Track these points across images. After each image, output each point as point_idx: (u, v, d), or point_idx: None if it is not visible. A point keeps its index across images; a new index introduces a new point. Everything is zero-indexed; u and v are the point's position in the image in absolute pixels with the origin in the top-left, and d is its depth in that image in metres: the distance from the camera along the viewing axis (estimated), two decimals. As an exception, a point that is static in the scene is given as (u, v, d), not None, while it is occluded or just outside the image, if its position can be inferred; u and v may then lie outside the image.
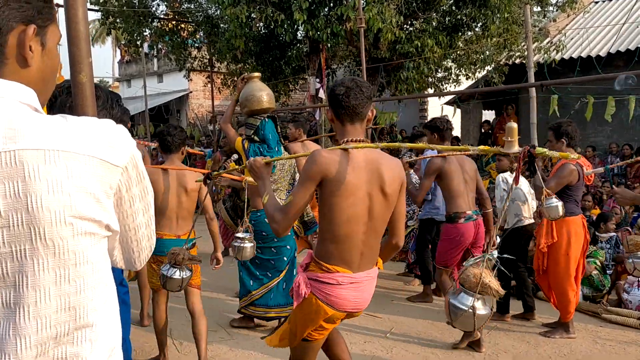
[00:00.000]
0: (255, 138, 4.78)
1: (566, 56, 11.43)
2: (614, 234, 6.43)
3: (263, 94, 4.73)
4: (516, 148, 2.37)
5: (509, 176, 5.28)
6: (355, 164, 2.42)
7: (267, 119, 4.82)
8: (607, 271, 6.07)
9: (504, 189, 5.21)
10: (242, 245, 4.09)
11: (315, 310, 2.50)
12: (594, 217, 6.84)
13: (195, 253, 4.03)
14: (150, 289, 4.19)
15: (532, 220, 5.31)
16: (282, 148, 4.98)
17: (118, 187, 1.07)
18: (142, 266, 1.25)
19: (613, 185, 4.55)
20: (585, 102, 7.77)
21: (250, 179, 3.45)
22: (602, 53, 11.08)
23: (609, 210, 7.33)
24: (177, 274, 3.53)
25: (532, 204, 5.30)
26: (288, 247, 4.85)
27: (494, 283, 2.78)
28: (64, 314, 1.00)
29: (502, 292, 2.76)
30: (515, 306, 5.37)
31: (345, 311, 2.53)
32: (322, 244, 2.51)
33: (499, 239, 5.38)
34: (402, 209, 2.60)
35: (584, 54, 11.27)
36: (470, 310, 2.72)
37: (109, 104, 2.18)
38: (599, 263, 5.98)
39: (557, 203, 4.20)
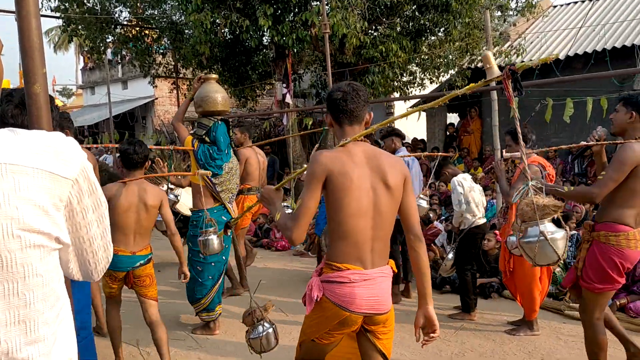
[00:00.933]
0: (206, 139, 4.83)
1: (526, 59, 11.69)
2: (575, 232, 6.60)
3: (218, 96, 4.81)
4: (497, 71, 2.44)
5: (463, 179, 5.38)
6: (357, 160, 2.47)
7: (220, 122, 4.87)
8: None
9: (461, 192, 5.31)
10: (208, 237, 4.12)
11: (328, 313, 2.44)
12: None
13: (152, 269, 4.02)
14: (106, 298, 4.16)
15: (485, 220, 5.44)
16: (231, 152, 5.06)
17: (69, 200, 1.06)
18: (100, 277, 1.24)
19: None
20: (545, 104, 7.97)
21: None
22: (561, 56, 11.38)
23: (570, 209, 7.53)
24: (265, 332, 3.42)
25: (483, 200, 5.43)
26: (226, 246, 4.93)
27: (550, 201, 2.87)
28: (13, 328, 0.98)
29: (561, 204, 2.87)
30: (485, 305, 5.47)
31: (362, 312, 2.43)
32: (333, 244, 2.50)
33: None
34: (411, 202, 2.58)
35: (543, 57, 11.55)
36: (542, 237, 2.79)
37: None
38: (562, 261, 6.13)
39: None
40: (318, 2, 9.86)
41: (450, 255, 5.42)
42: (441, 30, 11.56)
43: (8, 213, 0.96)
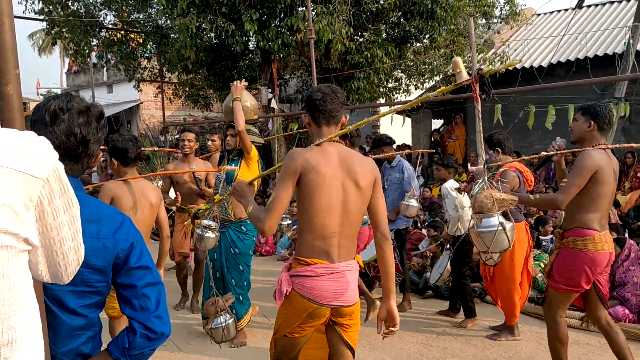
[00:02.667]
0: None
1: (510, 67, 11.82)
2: (553, 236, 6.68)
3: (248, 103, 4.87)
4: (465, 76, 2.69)
5: (454, 184, 5.40)
6: (330, 159, 2.58)
7: None
8: (551, 274, 6.27)
9: (455, 197, 5.32)
10: (204, 234, 4.07)
11: (297, 306, 2.54)
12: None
13: None
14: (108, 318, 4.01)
15: None
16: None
17: (39, 200, 1.05)
18: (70, 279, 1.22)
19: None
20: (527, 111, 8.05)
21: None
22: (544, 63, 11.51)
23: (551, 214, 7.60)
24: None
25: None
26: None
27: (507, 195, 3.17)
28: None
29: (516, 198, 3.20)
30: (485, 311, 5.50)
31: (329, 305, 2.53)
32: (301, 239, 2.60)
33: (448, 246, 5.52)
34: (380, 202, 2.68)
35: (526, 65, 11.68)
36: (501, 227, 3.10)
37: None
38: (543, 266, 6.18)
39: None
40: (304, 8, 9.89)
41: (448, 265, 5.39)
42: (426, 37, 11.66)
43: None
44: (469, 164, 5.56)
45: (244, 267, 4.79)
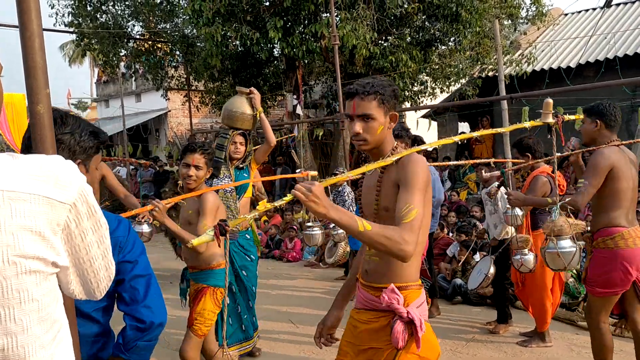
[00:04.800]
0: None
1: (537, 68, 11.65)
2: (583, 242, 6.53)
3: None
4: (551, 119, 3.30)
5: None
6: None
7: None
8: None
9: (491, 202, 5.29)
10: (311, 232, 4.25)
11: (433, 339, 2.18)
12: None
13: None
14: None
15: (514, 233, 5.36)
16: None
17: (66, 224, 1.08)
18: (102, 295, 1.26)
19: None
20: (556, 113, 7.91)
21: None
22: (572, 64, 11.32)
23: (584, 218, 7.45)
24: None
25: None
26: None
27: (579, 221, 3.75)
28: (11, 353, 1.00)
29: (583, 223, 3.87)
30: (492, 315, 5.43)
31: None
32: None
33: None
34: None
35: (554, 66, 11.50)
36: (578, 247, 3.59)
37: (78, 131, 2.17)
38: (574, 271, 6.07)
39: (519, 212, 4.49)
40: (327, 14, 9.92)
41: (492, 270, 5.25)
42: (451, 39, 11.57)
43: (4, 240, 0.98)
44: (482, 170, 5.52)
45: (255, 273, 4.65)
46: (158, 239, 8.40)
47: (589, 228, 3.91)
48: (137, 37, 14.86)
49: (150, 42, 14.76)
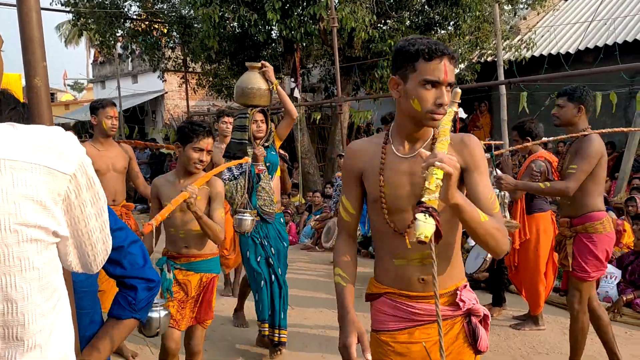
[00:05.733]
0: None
1: (536, 53, 11.62)
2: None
3: None
4: (455, 108, 2.81)
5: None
6: None
7: None
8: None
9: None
10: (242, 217, 3.95)
11: None
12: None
13: None
14: None
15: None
16: None
17: (66, 194, 1.09)
18: (99, 269, 1.26)
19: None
20: (554, 99, 7.92)
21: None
22: (572, 50, 11.29)
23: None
24: None
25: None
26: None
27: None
28: (11, 319, 1.02)
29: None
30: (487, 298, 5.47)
31: None
32: None
33: None
34: None
35: (553, 51, 11.47)
36: None
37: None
38: (568, 256, 6.11)
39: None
40: (326, -4, 9.84)
41: (489, 255, 5.31)
42: (451, 24, 11.50)
43: (6, 208, 0.98)
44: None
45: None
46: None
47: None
48: (134, 17, 14.74)
49: (147, 23, 14.64)
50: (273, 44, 12.89)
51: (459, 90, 1.86)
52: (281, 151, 4.59)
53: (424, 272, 1.86)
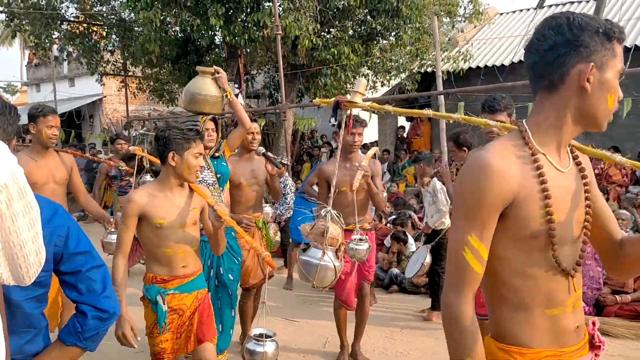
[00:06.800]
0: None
1: (473, 65, 12.03)
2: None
3: None
4: (358, 98, 3.03)
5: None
6: None
7: None
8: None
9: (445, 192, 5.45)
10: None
11: None
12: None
13: None
14: None
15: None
16: None
17: None
18: (32, 281, 1.23)
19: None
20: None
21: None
22: (506, 62, 11.76)
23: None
24: None
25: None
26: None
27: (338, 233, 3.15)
28: None
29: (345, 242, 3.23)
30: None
31: None
32: None
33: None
34: None
35: (489, 63, 11.91)
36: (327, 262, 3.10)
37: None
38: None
39: None
40: (270, 4, 9.86)
41: (428, 259, 5.43)
42: (392, 34, 11.76)
43: None
44: (422, 164, 5.69)
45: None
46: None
47: None
48: (72, 19, 14.27)
49: (85, 25, 14.20)
50: (216, 50, 12.79)
51: (364, 80, 1.95)
52: (269, 154, 4.28)
53: (577, 318, 1.51)
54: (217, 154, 4.05)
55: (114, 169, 6.80)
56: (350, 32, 11.55)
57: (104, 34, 14.22)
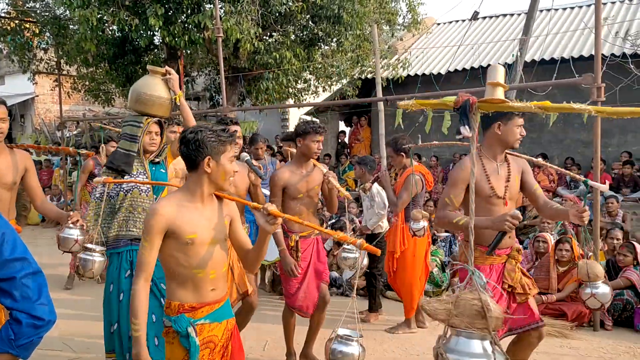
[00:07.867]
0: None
1: (411, 73, 12.35)
2: (448, 234, 7.17)
3: None
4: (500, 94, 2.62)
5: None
6: None
7: None
8: (445, 269, 6.68)
9: (384, 196, 5.56)
10: (90, 257, 3.39)
11: None
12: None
13: None
14: None
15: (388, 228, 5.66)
16: None
17: None
18: None
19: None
20: (426, 116, 8.46)
21: None
22: (443, 71, 12.15)
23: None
24: None
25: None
26: None
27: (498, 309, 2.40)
28: None
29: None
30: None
31: None
32: None
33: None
34: None
35: (427, 71, 12.26)
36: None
37: None
38: (439, 261, 6.57)
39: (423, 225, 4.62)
40: (211, 5, 9.80)
41: (365, 261, 5.46)
42: (333, 40, 11.93)
43: None
44: (361, 168, 5.82)
45: None
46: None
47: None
48: (2, 15, 13.64)
49: (17, 21, 13.61)
50: (155, 50, 12.57)
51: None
52: (255, 162, 3.95)
53: None
54: (157, 160, 3.74)
55: (97, 167, 6.57)
56: (292, 36, 11.63)
57: (37, 31, 13.67)
